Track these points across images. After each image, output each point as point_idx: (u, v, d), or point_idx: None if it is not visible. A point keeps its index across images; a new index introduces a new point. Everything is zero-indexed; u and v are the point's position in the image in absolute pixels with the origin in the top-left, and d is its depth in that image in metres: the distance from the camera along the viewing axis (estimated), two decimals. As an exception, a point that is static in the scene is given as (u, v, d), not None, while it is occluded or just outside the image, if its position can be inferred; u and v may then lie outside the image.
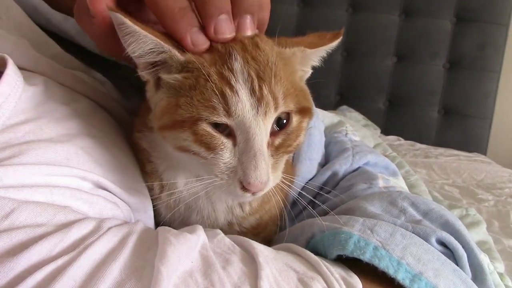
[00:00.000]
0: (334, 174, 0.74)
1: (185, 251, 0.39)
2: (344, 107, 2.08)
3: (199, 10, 0.46)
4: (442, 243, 0.48)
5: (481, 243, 0.86)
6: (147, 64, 0.49)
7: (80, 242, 0.37)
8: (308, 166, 0.73)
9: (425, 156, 1.82)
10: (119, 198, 0.51)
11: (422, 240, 0.47)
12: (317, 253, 0.46)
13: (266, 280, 0.38)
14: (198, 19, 0.46)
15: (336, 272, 0.42)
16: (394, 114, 2.27)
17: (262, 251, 0.42)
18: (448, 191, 1.35)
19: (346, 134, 0.91)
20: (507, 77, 2.18)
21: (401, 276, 0.41)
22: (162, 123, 0.49)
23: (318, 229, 0.50)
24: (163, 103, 0.49)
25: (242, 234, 0.58)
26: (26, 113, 0.46)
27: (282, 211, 0.63)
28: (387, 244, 0.44)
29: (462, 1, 2.16)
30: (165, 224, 0.60)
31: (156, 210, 0.59)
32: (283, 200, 0.64)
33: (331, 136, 0.88)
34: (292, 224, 0.61)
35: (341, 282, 0.41)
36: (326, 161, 0.79)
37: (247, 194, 0.48)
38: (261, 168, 0.46)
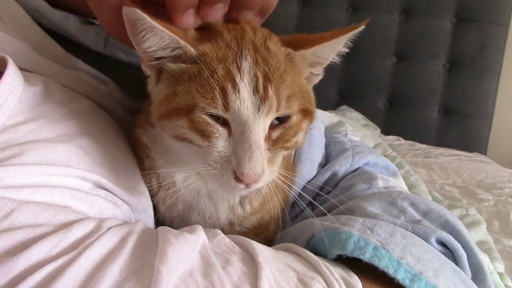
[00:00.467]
0: (334, 175, 0.74)
1: (185, 251, 0.39)
2: (344, 107, 2.08)
3: None
4: (442, 243, 0.48)
5: (481, 243, 0.86)
6: (154, 59, 0.49)
7: (80, 242, 0.37)
8: (309, 167, 0.73)
9: (425, 156, 1.82)
10: (119, 198, 0.51)
11: (422, 240, 0.47)
12: (317, 253, 0.46)
13: (266, 280, 0.38)
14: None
15: (336, 272, 0.42)
16: (394, 114, 2.27)
17: (262, 251, 0.42)
18: (448, 191, 1.35)
19: (346, 135, 0.91)
20: (507, 77, 2.18)
21: (401, 276, 0.41)
22: (160, 112, 0.50)
23: (318, 229, 0.50)
24: (162, 93, 0.50)
25: (244, 234, 0.58)
26: (26, 113, 0.46)
27: (283, 211, 0.63)
28: (387, 244, 0.44)
29: (462, 1, 2.16)
30: (165, 224, 0.60)
31: (155, 207, 0.59)
32: (284, 200, 0.64)
33: (331, 137, 0.89)
34: (293, 224, 0.61)
35: (341, 282, 0.41)
36: (326, 162, 0.79)
37: (241, 186, 0.47)
38: (256, 159, 0.46)
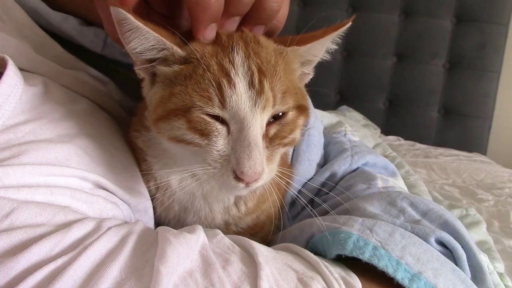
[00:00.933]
0: (333, 175, 0.74)
1: (185, 251, 0.40)
2: (344, 107, 2.09)
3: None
4: (442, 243, 0.48)
5: (481, 243, 0.86)
6: (145, 61, 0.49)
7: (80, 242, 0.37)
8: (307, 167, 0.73)
9: (425, 156, 1.82)
10: (119, 198, 0.51)
11: (421, 240, 0.47)
12: (317, 253, 0.46)
13: (266, 280, 0.38)
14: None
15: (336, 272, 0.42)
16: (394, 114, 2.27)
17: (262, 251, 0.43)
18: (448, 191, 1.35)
19: (345, 135, 0.91)
20: (507, 77, 2.18)
21: (400, 276, 0.41)
22: (156, 115, 0.49)
23: (318, 229, 0.50)
24: (158, 96, 0.49)
25: (239, 234, 0.58)
26: (26, 114, 0.46)
27: (279, 211, 0.63)
28: (386, 244, 0.45)
29: (462, 1, 2.17)
30: (161, 225, 0.60)
31: (153, 209, 0.59)
32: (280, 200, 0.64)
33: (330, 137, 0.88)
34: (291, 224, 0.61)
35: (341, 282, 0.41)
36: (325, 162, 0.79)
37: (241, 185, 0.47)
38: (255, 158, 0.46)
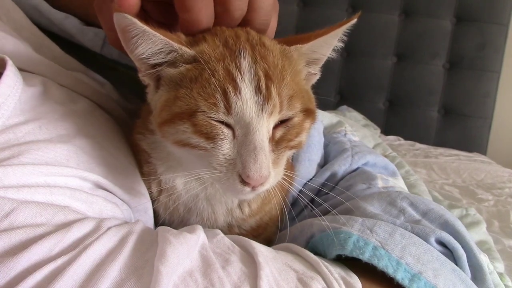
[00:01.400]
0: (333, 175, 0.74)
1: (185, 251, 0.39)
2: (344, 107, 2.08)
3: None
4: (442, 243, 0.48)
5: (481, 243, 0.86)
6: (150, 67, 0.49)
7: (80, 242, 0.37)
8: (307, 167, 0.73)
9: (425, 156, 1.82)
10: (119, 198, 0.51)
11: (422, 240, 0.47)
12: (317, 253, 0.46)
13: (266, 280, 0.38)
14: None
15: (336, 272, 0.42)
16: (394, 114, 2.27)
17: (262, 251, 0.42)
18: (448, 191, 1.35)
19: (345, 135, 0.90)
20: (507, 77, 2.18)
21: (400, 276, 0.41)
22: (161, 119, 0.49)
23: (318, 229, 0.50)
24: (163, 99, 0.49)
25: (242, 236, 0.58)
26: (26, 114, 0.46)
27: (283, 212, 0.63)
28: (386, 244, 0.44)
29: (462, 1, 2.16)
30: (164, 225, 0.60)
31: (155, 211, 0.59)
32: (284, 200, 0.64)
33: (330, 137, 0.88)
34: (292, 224, 0.61)
35: (341, 282, 0.41)
36: (325, 162, 0.79)
37: (247, 189, 0.47)
38: (261, 161, 0.45)
